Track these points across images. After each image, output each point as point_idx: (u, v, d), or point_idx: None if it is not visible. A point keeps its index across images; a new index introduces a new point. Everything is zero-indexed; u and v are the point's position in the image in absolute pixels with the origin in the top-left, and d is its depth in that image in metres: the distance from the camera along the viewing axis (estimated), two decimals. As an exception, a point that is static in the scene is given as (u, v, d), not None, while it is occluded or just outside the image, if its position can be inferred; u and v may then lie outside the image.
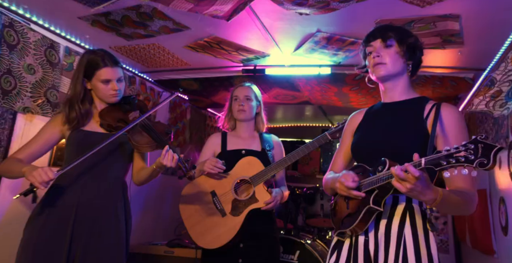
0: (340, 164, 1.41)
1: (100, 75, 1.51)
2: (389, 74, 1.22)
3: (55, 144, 1.57)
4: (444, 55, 2.19)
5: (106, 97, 1.56)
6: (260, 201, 1.80)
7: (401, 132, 1.21)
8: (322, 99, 3.28)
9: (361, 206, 1.15)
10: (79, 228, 1.43)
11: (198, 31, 2.08)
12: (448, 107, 1.19)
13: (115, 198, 1.54)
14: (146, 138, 1.51)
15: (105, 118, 1.54)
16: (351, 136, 1.37)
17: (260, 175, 1.83)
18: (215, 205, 1.86)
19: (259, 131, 2.05)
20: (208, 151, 2.03)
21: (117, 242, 1.50)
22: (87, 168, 1.50)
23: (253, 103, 2.00)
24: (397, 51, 1.21)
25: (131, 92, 2.74)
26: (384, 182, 1.06)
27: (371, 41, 1.25)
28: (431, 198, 1.01)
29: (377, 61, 1.22)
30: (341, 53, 2.34)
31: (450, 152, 0.92)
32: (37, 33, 1.86)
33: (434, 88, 2.63)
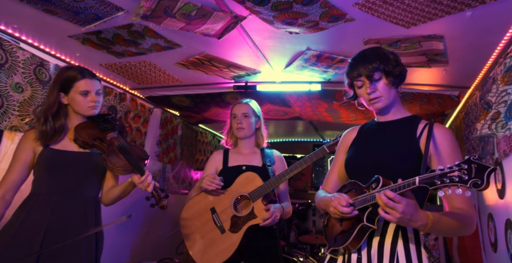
0: (333, 181, 1.41)
1: (78, 87, 1.50)
2: (386, 105, 1.25)
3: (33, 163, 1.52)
4: (430, 73, 2.25)
5: (85, 110, 1.53)
6: (258, 217, 1.77)
7: (394, 151, 1.21)
8: (313, 114, 3.31)
9: (355, 223, 1.14)
10: (48, 247, 1.37)
11: (190, 49, 2.09)
12: (441, 127, 1.21)
13: (87, 218, 1.50)
14: (123, 162, 1.48)
15: (80, 134, 1.50)
16: (344, 153, 1.37)
17: (258, 191, 1.80)
18: (214, 222, 1.85)
19: (260, 146, 2.04)
20: (210, 168, 2.02)
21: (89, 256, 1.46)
22: (60, 188, 1.47)
23: (251, 119, 2.00)
24: (386, 83, 1.22)
25: (122, 109, 2.72)
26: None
27: (358, 76, 1.24)
28: (422, 224, 1.02)
29: (373, 96, 1.23)
30: (330, 70, 2.38)
31: (444, 171, 0.92)
32: (26, 52, 1.85)
33: (422, 105, 2.68)
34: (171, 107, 3.28)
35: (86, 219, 1.49)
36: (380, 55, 1.24)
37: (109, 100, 2.58)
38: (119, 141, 1.52)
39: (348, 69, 1.28)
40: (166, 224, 3.49)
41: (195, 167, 4.07)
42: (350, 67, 1.28)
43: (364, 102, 1.30)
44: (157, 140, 3.28)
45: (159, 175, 3.37)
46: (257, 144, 2.04)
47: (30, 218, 1.40)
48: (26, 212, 1.41)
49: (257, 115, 2.03)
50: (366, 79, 1.23)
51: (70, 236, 1.42)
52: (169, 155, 3.49)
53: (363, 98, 1.28)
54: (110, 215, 1.65)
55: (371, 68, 1.21)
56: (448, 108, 2.70)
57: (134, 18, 1.67)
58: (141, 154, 1.55)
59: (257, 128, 2.04)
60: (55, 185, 1.46)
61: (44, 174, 1.47)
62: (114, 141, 1.52)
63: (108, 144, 1.51)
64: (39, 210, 1.42)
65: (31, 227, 1.39)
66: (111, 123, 1.58)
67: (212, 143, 4.48)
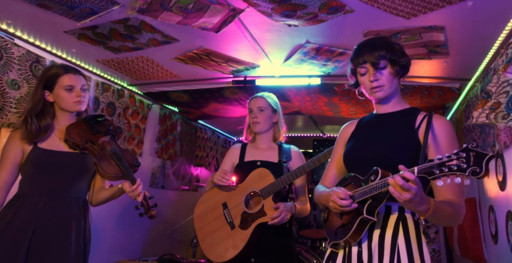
0: (332, 175, 1.40)
1: (63, 82, 1.48)
2: (387, 95, 1.24)
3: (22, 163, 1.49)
4: (431, 65, 2.22)
5: (71, 106, 1.50)
6: (267, 216, 1.74)
7: (393, 142, 1.21)
8: (312, 109, 3.30)
9: (355, 216, 1.13)
10: (35, 248, 1.36)
11: (187, 43, 2.07)
12: (440, 118, 1.20)
13: (75, 218, 1.48)
14: (114, 168, 1.46)
15: (71, 135, 1.48)
16: (343, 146, 1.37)
17: (269, 188, 1.76)
18: (225, 218, 1.83)
19: (277, 141, 1.99)
20: (227, 162, 2.00)
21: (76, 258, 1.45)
22: (48, 188, 1.45)
23: (268, 113, 1.95)
24: (391, 72, 1.21)
25: (120, 105, 2.70)
26: (377, 192, 1.05)
27: (363, 63, 1.22)
28: (426, 208, 1.01)
29: (375, 85, 1.22)
30: (330, 64, 2.35)
31: (442, 160, 0.92)
32: (21, 48, 1.82)
33: (422, 98, 2.66)
34: (170, 103, 3.26)
35: (75, 220, 1.47)
36: (388, 43, 1.23)
37: (107, 97, 2.56)
38: (112, 146, 1.50)
39: (353, 55, 1.27)
40: (168, 219, 3.49)
41: (195, 163, 4.06)
42: (356, 53, 1.26)
43: (364, 91, 1.28)
44: (156, 137, 3.27)
45: (159, 172, 3.36)
46: (274, 138, 1.99)
47: (17, 218, 1.37)
48: (13, 211, 1.39)
49: (274, 109, 1.98)
50: (371, 67, 1.21)
51: (58, 236, 1.40)
52: (168, 151, 3.48)
53: (365, 86, 1.26)
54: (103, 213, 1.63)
55: (377, 55, 1.20)
56: (449, 101, 2.68)
57: (130, 12, 1.64)
58: (133, 160, 1.53)
59: (275, 122, 1.98)
60: (43, 185, 1.44)
61: (32, 174, 1.45)
62: (106, 145, 1.49)
63: (100, 147, 1.48)
64: (27, 210, 1.39)
65: (18, 226, 1.37)
66: (104, 126, 1.55)
67: (212, 139, 4.46)
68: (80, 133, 1.50)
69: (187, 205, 3.73)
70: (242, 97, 3.01)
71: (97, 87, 2.45)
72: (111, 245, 2.75)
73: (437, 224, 1.21)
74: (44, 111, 1.48)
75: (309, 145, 4.75)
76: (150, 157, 3.21)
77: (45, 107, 1.49)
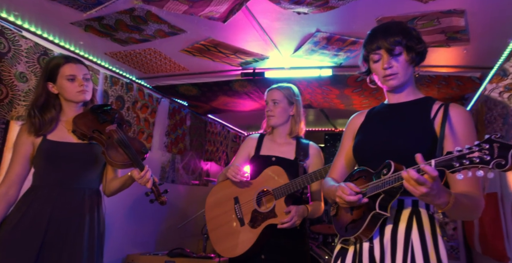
0: (340, 168, 1.34)
1: (64, 72, 1.46)
2: (401, 84, 1.18)
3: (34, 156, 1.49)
4: (449, 54, 2.12)
5: (74, 96, 1.49)
6: (278, 218, 1.68)
7: (407, 133, 1.14)
8: (323, 102, 3.22)
9: (366, 211, 1.08)
10: (50, 240, 1.37)
11: (194, 34, 2.03)
12: (457, 108, 1.13)
13: (88, 209, 1.47)
14: (122, 156, 1.44)
15: (79, 126, 1.47)
16: (352, 138, 1.31)
17: (283, 189, 1.69)
18: (235, 213, 1.79)
19: (294, 135, 1.87)
20: (243, 152, 1.93)
21: (90, 256, 1.44)
22: (60, 179, 1.45)
23: (282, 106, 1.85)
24: (406, 60, 1.15)
25: (129, 99, 2.69)
26: (390, 186, 0.99)
27: (376, 49, 1.16)
28: (444, 201, 0.95)
29: (389, 72, 1.15)
30: (342, 54, 2.28)
31: (462, 152, 0.86)
32: (29, 40, 1.81)
33: (439, 89, 2.56)
34: (179, 97, 3.24)
35: (87, 211, 1.46)
36: (404, 29, 1.16)
37: (116, 90, 2.55)
38: (119, 134, 1.48)
39: (367, 40, 1.20)
40: (179, 214, 3.49)
41: (205, 158, 4.04)
42: (369, 38, 1.19)
43: (377, 78, 1.22)
44: (165, 131, 3.25)
45: (169, 166, 3.35)
46: (291, 132, 1.87)
47: (31, 210, 1.38)
48: (27, 204, 1.39)
49: (291, 100, 1.87)
50: (385, 53, 1.15)
51: (71, 227, 1.40)
52: (178, 145, 3.46)
53: (377, 73, 1.19)
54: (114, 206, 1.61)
55: (392, 41, 1.13)
56: (469, 91, 2.55)
57: (136, 1, 1.61)
58: (141, 147, 1.51)
59: (292, 115, 1.88)
60: (55, 177, 1.43)
61: (43, 167, 1.45)
62: (113, 134, 1.48)
63: (107, 136, 1.47)
64: (40, 202, 1.40)
65: (32, 219, 1.38)
66: (110, 115, 1.54)
67: (222, 133, 4.44)
68: (87, 123, 1.48)
69: (197, 200, 3.72)
70: (252, 90, 2.96)
71: (106, 81, 2.44)
72: (122, 239, 2.76)
73: (455, 218, 1.14)
74: (48, 104, 1.48)
75: (321, 139, 4.67)
76: (160, 151, 3.21)
77: (49, 99, 1.48)
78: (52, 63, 1.48)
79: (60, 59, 1.48)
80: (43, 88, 1.47)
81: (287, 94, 1.89)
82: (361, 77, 2.59)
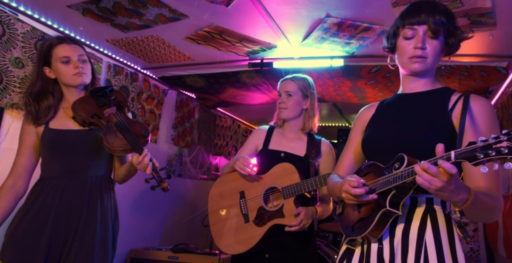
0: (348, 164, 1.24)
1: (57, 53, 1.37)
2: (426, 70, 1.07)
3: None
4: (473, 40, 1.94)
5: (71, 79, 1.39)
6: (285, 218, 1.59)
7: (422, 125, 1.05)
8: (336, 95, 3.08)
9: (375, 209, 0.99)
10: (58, 230, 1.32)
11: (197, 20, 1.93)
12: (479, 99, 1.04)
13: (97, 198, 1.41)
14: (121, 141, 1.36)
15: (77, 111, 1.39)
16: (361, 132, 1.21)
17: (293, 188, 1.59)
18: (240, 208, 1.71)
19: (306, 130, 1.75)
20: (251, 144, 1.83)
21: (102, 243, 1.38)
22: (66, 169, 1.39)
23: (296, 98, 1.73)
24: (441, 45, 1.04)
25: (134, 89, 2.63)
26: (402, 182, 0.90)
27: (416, 24, 1.04)
28: (463, 198, 0.86)
29: (419, 53, 1.04)
30: (354, 42, 2.13)
31: (488, 142, 0.77)
32: (26, 24, 1.76)
33: (461, 80, 2.37)
34: (186, 89, 3.16)
35: (98, 199, 1.41)
36: (449, 11, 1.05)
37: (120, 80, 2.49)
38: (117, 117, 1.40)
39: (407, 12, 1.08)
40: (186, 208, 3.43)
41: (214, 152, 3.97)
42: (411, 9, 1.07)
43: (399, 59, 1.10)
44: (172, 123, 3.19)
45: (176, 160, 3.29)
46: (303, 127, 1.75)
47: (38, 202, 1.34)
48: (35, 195, 1.36)
49: (305, 92, 1.74)
50: (424, 31, 1.03)
51: (82, 217, 1.36)
52: (185, 139, 3.40)
53: (404, 52, 1.07)
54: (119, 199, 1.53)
55: (437, 19, 1.02)
56: (494, 83, 2.35)
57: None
58: (141, 130, 1.42)
59: (305, 109, 1.75)
60: (60, 166, 1.38)
61: (48, 157, 1.41)
62: (112, 117, 1.40)
63: (106, 120, 1.39)
64: (47, 193, 1.35)
65: (39, 210, 1.34)
66: (108, 97, 1.45)
67: (232, 127, 4.35)
68: (86, 107, 1.41)
69: (205, 194, 3.62)
70: (260, 82, 2.86)
71: (109, 70, 2.38)
72: (126, 232, 2.70)
73: (473, 219, 1.02)
74: (44, 91, 1.41)
75: (334, 135, 4.51)
76: (166, 144, 3.15)
77: (46, 85, 1.41)
78: (45, 45, 1.40)
79: (53, 40, 1.39)
80: (38, 73, 1.40)
81: (302, 86, 1.77)
82: (375, 67, 2.46)
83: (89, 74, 1.44)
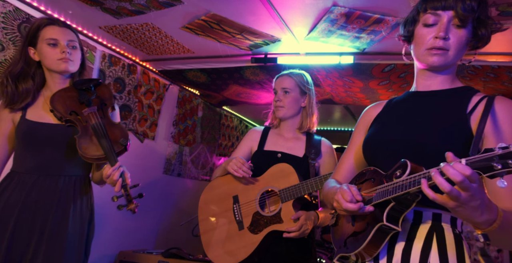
0: (347, 168, 1.11)
1: (45, 34, 1.26)
2: (446, 65, 0.93)
3: None
4: (501, 36, 1.69)
5: (55, 64, 1.27)
6: (284, 224, 1.45)
7: (433, 128, 0.91)
8: (346, 96, 2.87)
9: (371, 223, 0.87)
10: (21, 230, 1.19)
11: (192, 6, 1.79)
12: (506, 101, 0.89)
13: (69, 200, 1.27)
14: (95, 147, 1.22)
15: (55, 105, 1.26)
16: (364, 132, 1.08)
17: (291, 191, 1.47)
18: (234, 214, 1.57)
19: (304, 130, 1.64)
20: (245, 146, 1.70)
21: (73, 247, 1.25)
22: (37, 165, 1.26)
23: (294, 95, 1.61)
24: (468, 37, 0.90)
25: (131, 82, 2.52)
26: (403, 192, 0.78)
27: (441, 8, 0.90)
28: (490, 219, 0.72)
29: (440, 45, 0.89)
30: (364, 36, 1.94)
31: (509, 150, 0.64)
32: (8, 3, 1.67)
33: (486, 82, 2.13)
34: (188, 84, 3.04)
35: (69, 201, 1.27)
36: None
37: (115, 71, 2.38)
38: (96, 119, 1.24)
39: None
40: (184, 210, 3.29)
41: (218, 153, 3.82)
42: None
43: (416, 50, 0.94)
44: (173, 120, 3.07)
45: (175, 158, 3.16)
46: (301, 126, 1.64)
47: (4, 198, 1.23)
48: (0, 191, 1.24)
49: (303, 89, 1.63)
50: (455, 16, 0.88)
51: (49, 217, 1.22)
52: (187, 137, 3.27)
53: (421, 42, 0.92)
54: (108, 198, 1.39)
55: (468, 5, 0.87)
56: (523, 88, 2.11)
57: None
58: (120, 137, 1.26)
59: (303, 107, 1.64)
60: (32, 161, 1.26)
61: (20, 150, 1.29)
62: (91, 118, 1.25)
63: (85, 120, 1.25)
64: (14, 189, 1.24)
65: (4, 207, 1.21)
66: (91, 94, 1.31)
67: (239, 128, 4.20)
68: (65, 102, 1.28)
69: (204, 196, 3.51)
70: (265, 79, 2.69)
71: (104, 59, 2.28)
72: (117, 233, 2.59)
73: (499, 246, 0.81)
74: (25, 73, 1.29)
75: (346, 140, 4.27)
76: (165, 141, 3.02)
77: (27, 68, 1.30)
78: (35, 24, 1.30)
79: (44, 20, 1.29)
80: (21, 54, 1.29)
81: (300, 82, 1.63)
82: (388, 67, 2.25)
83: (76, 62, 1.32)
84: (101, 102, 1.32)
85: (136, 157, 2.69)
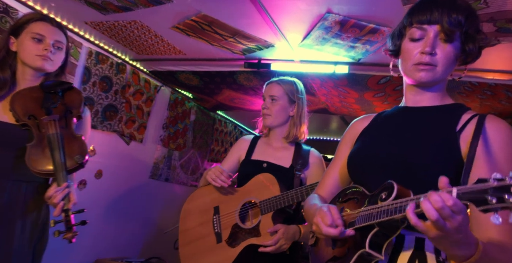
0: (331, 184, 1.06)
1: (33, 28, 1.21)
2: (434, 81, 0.89)
3: None
4: (499, 53, 1.65)
5: (32, 59, 1.20)
6: (261, 237, 1.38)
7: (421, 146, 0.86)
8: (341, 107, 2.80)
9: (352, 248, 0.83)
10: None
11: (182, 6, 1.73)
12: (496, 121, 0.85)
13: (17, 209, 1.17)
14: (45, 161, 1.10)
15: (14, 105, 1.16)
16: (350, 146, 1.03)
17: (271, 202, 1.40)
18: (213, 226, 1.51)
19: (291, 140, 1.57)
20: (233, 156, 1.65)
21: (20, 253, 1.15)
22: None
23: (281, 104, 1.56)
24: (455, 52, 0.86)
25: (118, 81, 2.44)
26: (388, 218, 0.73)
27: (427, 22, 0.85)
28: (466, 254, 0.68)
29: (427, 60, 0.85)
30: (359, 46, 1.87)
31: (504, 183, 0.58)
32: (-13, -7, 1.60)
33: (483, 100, 2.05)
34: (180, 86, 2.97)
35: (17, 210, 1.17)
36: (471, 9, 0.86)
37: (102, 69, 2.31)
38: (55, 129, 1.14)
39: (417, 7, 0.89)
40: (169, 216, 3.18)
41: (210, 158, 3.73)
42: (423, 3, 0.88)
43: (404, 64, 0.89)
44: (163, 123, 2.98)
45: (163, 162, 3.07)
46: (288, 136, 1.57)
47: None
48: None
49: (292, 98, 1.58)
50: (441, 31, 0.84)
51: None
52: (177, 141, 3.18)
53: (409, 57, 0.88)
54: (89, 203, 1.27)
55: (454, 19, 0.83)
56: (522, 107, 2.03)
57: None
58: (77, 153, 1.14)
59: (291, 116, 1.58)
60: None
61: None
62: (50, 127, 1.14)
63: (43, 128, 1.16)
64: None
65: None
66: (56, 100, 1.22)
67: (233, 133, 4.12)
68: (26, 103, 1.18)
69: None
70: (258, 85, 2.62)
71: (90, 57, 2.21)
72: (94, 240, 2.47)
73: None
74: (4, 62, 1.22)
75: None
76: (154, 145, 2.94)
77: (8, 57, 1.22)
78: (25, 16, 1.24)
79: (36, 15, 1.25)
80: (4, 42, 1.23)
81: (289, 90, 1.58)
82: (384, 78, 2.18)
83: (56, 63, 1.25)
84: (66, 109, 1.22)
85: (121, 160, 2.60)
